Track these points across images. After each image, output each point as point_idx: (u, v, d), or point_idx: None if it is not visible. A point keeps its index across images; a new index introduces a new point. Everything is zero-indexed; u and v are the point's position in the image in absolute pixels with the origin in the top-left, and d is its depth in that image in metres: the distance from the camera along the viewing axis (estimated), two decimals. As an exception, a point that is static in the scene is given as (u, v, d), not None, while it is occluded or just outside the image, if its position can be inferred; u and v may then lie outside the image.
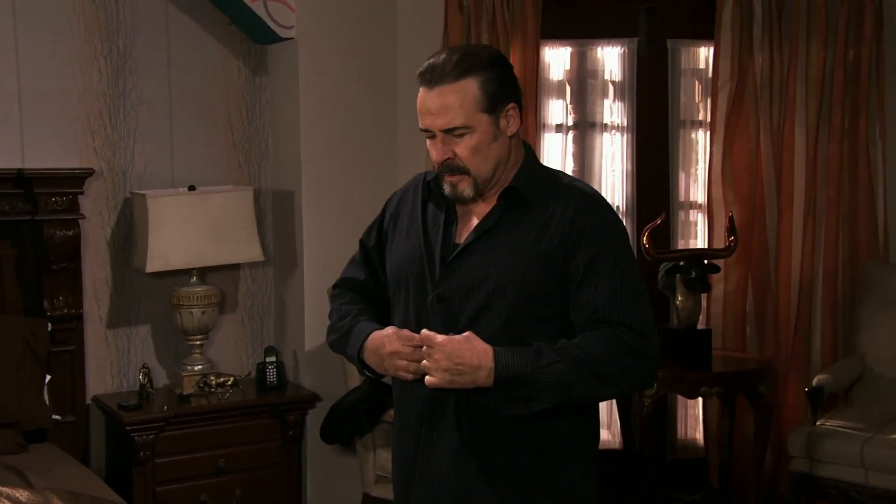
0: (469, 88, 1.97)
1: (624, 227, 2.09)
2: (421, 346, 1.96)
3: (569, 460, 2.06)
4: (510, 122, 2.03)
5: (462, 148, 1.99)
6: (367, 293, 2.23)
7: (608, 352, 1.94)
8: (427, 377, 1.95)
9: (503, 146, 2.03)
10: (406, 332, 2.01)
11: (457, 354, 1.92)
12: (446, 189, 2.04)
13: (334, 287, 2.31)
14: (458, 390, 1.98)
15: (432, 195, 2.12)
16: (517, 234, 2.01)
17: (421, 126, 2.02)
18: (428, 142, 2.04)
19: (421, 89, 2.01)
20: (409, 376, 2.01)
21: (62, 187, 3.62)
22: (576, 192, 2.05)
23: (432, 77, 1.98)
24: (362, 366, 2.13)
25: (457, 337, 1.94)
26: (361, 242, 2.28)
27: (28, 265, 3.69)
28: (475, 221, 2.06)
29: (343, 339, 2.15)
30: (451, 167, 2.01)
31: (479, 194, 2.04)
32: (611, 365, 1.94)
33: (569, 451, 2.06)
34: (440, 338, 1.94)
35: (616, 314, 1.96)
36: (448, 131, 1.98)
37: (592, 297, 1.97)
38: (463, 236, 2.06)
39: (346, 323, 2.15)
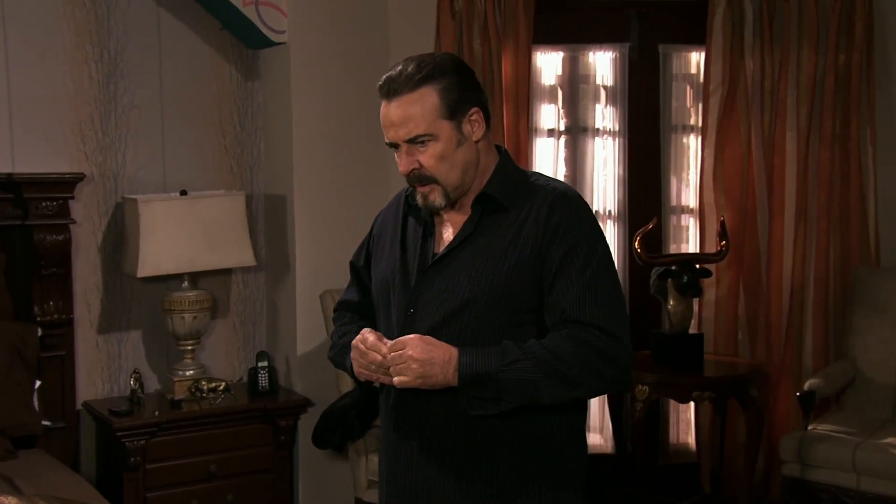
0: (427, 96, 1.95)
1: (598, 226, 2.06)
2: (379, 352, 1.95)
3: (548, 465, 2.03)
4: (474, 128, 2.01)
5: (426, 157, 1.97)
6: (364, 312, 2.23)
7: (574, 353, 1.91)
8: (396, 378, 1.93)
9: (469, 152, 2.01)
10: (372, 336, 1.99)
11: (428, 350, 1.91)
12: (418, 200, 2.02)
13: (334, 311, 2.31)
14: (423, 394, 1.96)
15: (412, 209, 2.10)
16: (494, 239, 1.99)
17: (385, 140, 2.01)
18: (396, 155, 2.02)
19: (382, 103, 2.00)
20: (364, 374, 2.01)
21: (52, 192, 3.61)
22: (550, 190, 2.02)
23: (390, 89, 1.97)
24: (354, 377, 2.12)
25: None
26: (352, 264, 2.28)
27: (18, 270, 3.67)
28: (453, 231, 2.05)
29: (342, 353, 2.15)
30: (419, 177, 1.99)
31: (451, 203, 2.02)
32: (577, 367, 1.92)
33: (548, 455, 2.03)
34: (409, 336, 1.94)
35: (586, 315, 1.93)
36: (411, 141, 1.97)
37: (562, 297, 1.95)
38: (442, 247, 2.05)
39: (346, 339, 2.14)
